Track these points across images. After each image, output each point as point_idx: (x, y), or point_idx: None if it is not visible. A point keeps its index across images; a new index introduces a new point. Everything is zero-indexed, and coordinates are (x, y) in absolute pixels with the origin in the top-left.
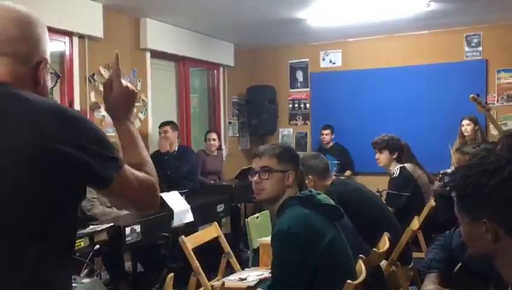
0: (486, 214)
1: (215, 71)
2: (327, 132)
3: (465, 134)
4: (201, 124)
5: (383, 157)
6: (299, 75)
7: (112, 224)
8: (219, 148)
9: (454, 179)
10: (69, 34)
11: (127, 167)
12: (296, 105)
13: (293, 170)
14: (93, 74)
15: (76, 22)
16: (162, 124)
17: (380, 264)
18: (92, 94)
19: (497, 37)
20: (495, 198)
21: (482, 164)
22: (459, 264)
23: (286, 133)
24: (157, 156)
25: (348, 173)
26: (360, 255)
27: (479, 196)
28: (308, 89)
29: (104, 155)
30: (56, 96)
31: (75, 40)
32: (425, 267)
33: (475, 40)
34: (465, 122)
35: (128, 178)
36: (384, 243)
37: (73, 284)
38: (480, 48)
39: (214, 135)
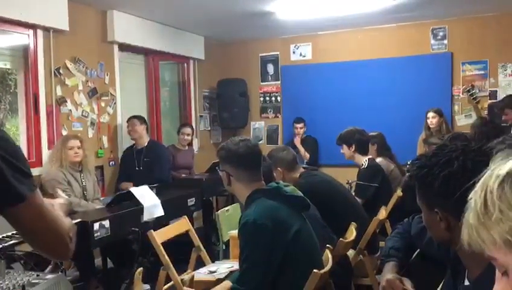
0: (439, 204)
1: (186, 64)
2: (301, 125)
3: (431, 126)
4: (172, 117)
5: (344, 151)
6: (270, 68)
7: (79, 220)
8: (190, 144)
9: (412, 169)
10: (33, 26)
11: (40, 194)
12: (267, 98)
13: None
14: (59, 68)
15: (40, 14)
16: (129, 119)
17: (348, 253)
18: (58, 88)
19: (462, 30)
20: (445, 189)
21: (437, 155)
22: (417, 251)
23: (257, 126)
24: (129, 153)
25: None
26: (327, 245)
27: (431, 186)
28: (279, 82)
29: (20, 169)
30: (21, 92)
31: (40, 32)
32: (384, 255)
33: (441, 34)
34: (431, 114)
35: (42, 204)
36: (351, 233)
37: (36, 281)
38: (445, 41)
39: (188, 130)
